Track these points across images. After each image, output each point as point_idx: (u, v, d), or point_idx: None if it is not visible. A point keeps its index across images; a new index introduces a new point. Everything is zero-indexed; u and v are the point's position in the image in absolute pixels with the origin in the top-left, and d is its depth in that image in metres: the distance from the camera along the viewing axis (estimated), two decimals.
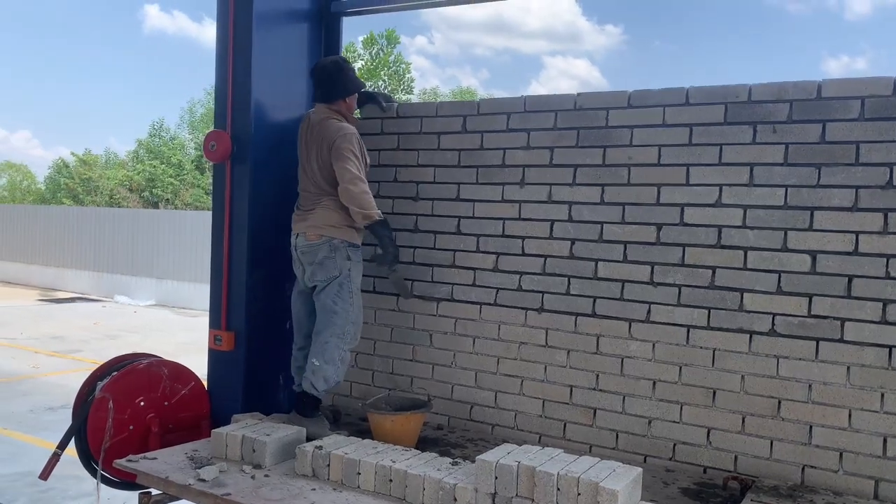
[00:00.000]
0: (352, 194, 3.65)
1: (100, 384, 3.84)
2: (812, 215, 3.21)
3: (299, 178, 3.94)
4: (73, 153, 39.30)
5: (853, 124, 3.15)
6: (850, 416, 3.14)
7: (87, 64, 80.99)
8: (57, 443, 3.77)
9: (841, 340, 3.16)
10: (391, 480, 3.02)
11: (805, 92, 3.25)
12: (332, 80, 3.89)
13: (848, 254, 3.15)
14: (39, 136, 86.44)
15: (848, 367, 3.15)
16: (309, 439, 3.50)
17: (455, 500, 2.86)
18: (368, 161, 3.88)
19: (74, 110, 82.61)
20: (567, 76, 74.14)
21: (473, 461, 2.94)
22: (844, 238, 3.16)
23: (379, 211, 3.72)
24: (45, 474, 3.72)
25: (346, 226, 3.76)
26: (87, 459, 3.83)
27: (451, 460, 3.15)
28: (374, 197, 4.19)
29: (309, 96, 4.49)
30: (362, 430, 3.79)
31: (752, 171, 3.34)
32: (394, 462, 3.07)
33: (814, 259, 3.21)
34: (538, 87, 72.32)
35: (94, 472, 3.85)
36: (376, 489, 3.05)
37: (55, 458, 3.72)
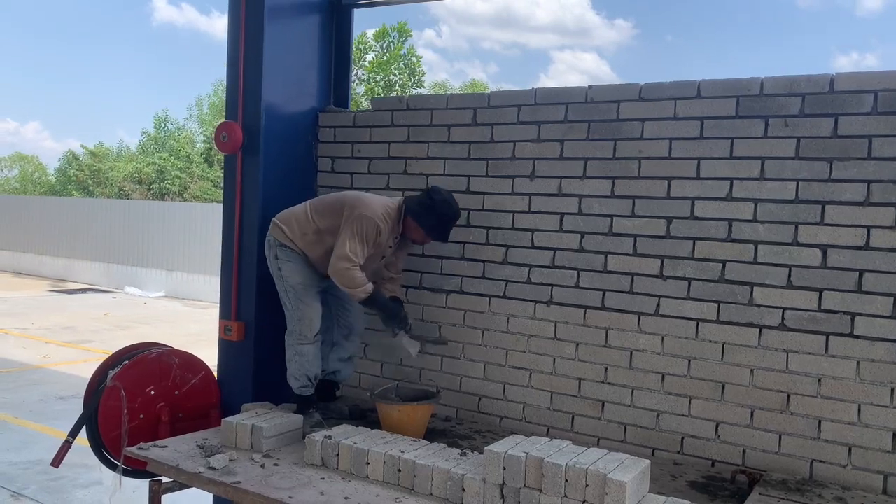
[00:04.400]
0: (335, 269, 3.64)
1: (111, 373, 3.87)
2: (823, 209, 3.20)
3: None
4: (82, 145, 39.49)
5: (866, 118, 3.13)
6: (859, 410, 3.13)
7: (97, 56, 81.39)
8: (68, 431, 3.80)
9: (851, 335, 3.15)
10: (399, 470, 3.04)
11: (817, 85, 3.23)
12: (420, 201, 3.75)
13: (859, 248, 3.14)
14: (50, 127, 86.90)
15: (858, 362, 3.14)
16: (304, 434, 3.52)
17: (463, 490, 2.87)
18: (383, 245, 3.78)
19: (84, 102, 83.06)
20: (576, 71, 73.99)
21: (482, 452, 2.95)
22: (856, 232, 3.14)
23: (365, 287, 3.66)
24: (56, 462, 3.75)
25: (283, 227, 3.80)
26: (98, 448, 3.86)
27: (459, 451, 3.16)
28: (384, 189, 4.22)
29: (319, 88, 4.52)
30: (371, 420, 3.80)
31: (763, 164, 3.32)
32: (402, 452, 3.08)
33: (824, 253, 3.20)
34: (547, 82, 72.06)
35: (104, 460, 3.89)
36: (385, 479, 3.07)
37: (67, 446, 3.75)
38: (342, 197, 3.85)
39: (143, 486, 3.57)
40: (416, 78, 36.74)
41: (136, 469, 3.69)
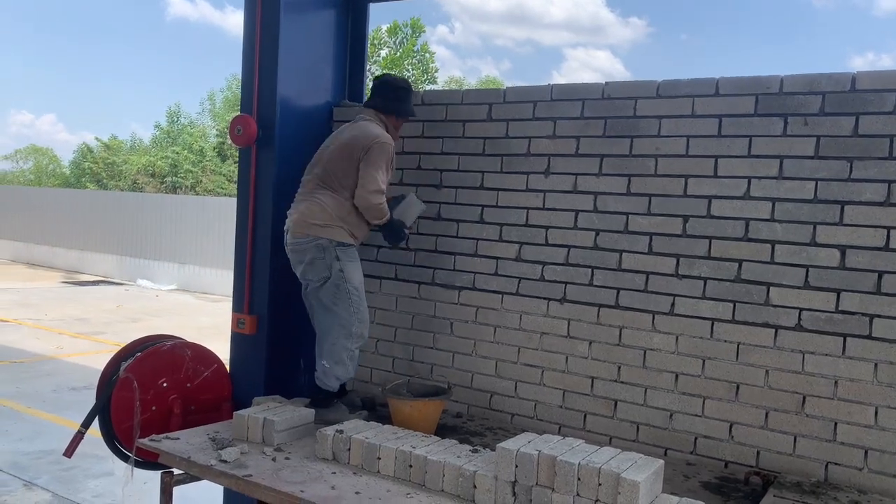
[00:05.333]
0: (368, 203, 3.68)
1: (124, 364, 3.87)
2: (842, 209, 3.16)
3: (306, 168, 3.90)
4: (97, 138, 39.73)
5: (888, 118, 3.09)
6: (876, 413, 3.10)
7: (111, 50, 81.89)
8: (80, 422, 3.82)
9: (869, 337, 3.11)
10: (411, 466, 3.03)
11: (838, 84, 3.19)
12: (398, 97, 3.90)
13: (878, 249, 3.10)
14: (64, 120, 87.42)
15: (875, 364, 3.10)
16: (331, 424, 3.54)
17: (475, 487, 2.86)
18: (392, 173, 3.93)
19: (98, 95, 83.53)
20: (589, 68, 73.83)
21: (493, 449, 2.94)
22: (875, 233, 3.10)
23: (387, 216, 3.80)
24: (69, 452, 3.77)
25: (335, 225, 3.72)
26: (111, 439, 3.87)
27: (470, 448, 3.15)
28: (398, 184, 4.22)
29: (334, 83, 4.51)
30: (382, 416, 3.80)
31: (781, 163, 3.29)
32: (414, 448, 3.07)
33: (843, 254, 3.16)
34: (559, 79, 71.88)
35: (116, 451, 3.90)
36: (396, 474, 3.06)
37: (79, 436, 3.77)
38: (342, 148, 3.76)
39: (154, 477, 3.58)
40: (430, 74, 36.71)
41: (147, 460, 3.70)
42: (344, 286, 3.70)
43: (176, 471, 3.35)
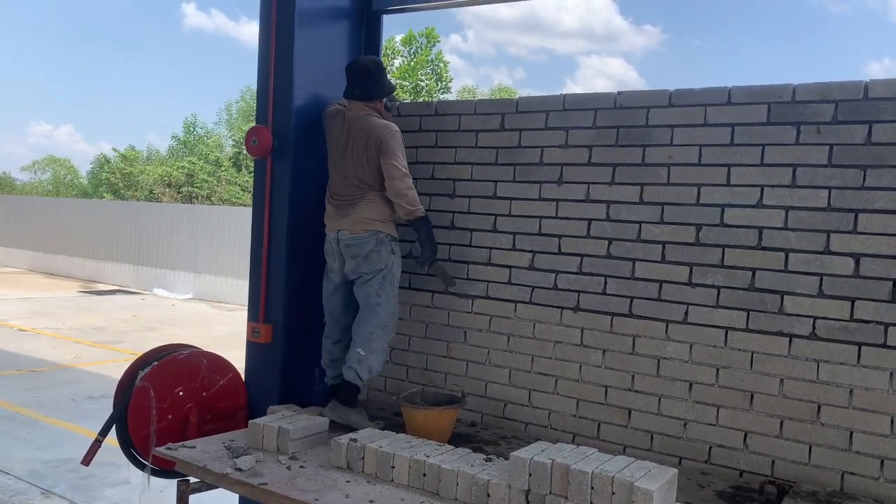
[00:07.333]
0: (400, 190, 3.77)
1: (141, 373, 3.91)
2: (856, 218, 3.15)
3: (333, 175, 4.00)
4: (114, 149, 40.15)
5: None
6: (892, 422, 3.08)
7: (128, 61, 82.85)
8: (98, 430, 3.85)
9: (884, 345, 3.10)
10: (425, 475, 3.04)
11: (851, 92, 3.19)
12: (373, 79, 3.98)
13: (893, 257, 3.08)
14: (82, 130, 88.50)
15: (891, 373, 3.08)
16: (349, 428, 3.56)
17: (488, 496, 2.87)
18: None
19: (116, 106, 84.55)
20: (603, 76, 73.88)
21: (507, 458, 2.94)
22: (890, 241, 3.09)
23: (423, 207, 3.84)
24: (86, 460, 3.81)
25: (389, 220, 3.89)
26: (127, 447, 3.90)
27: (484, 456, 3.15)
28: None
29: None
30: (396, 424, 3.81)
31: (794, 172, 3.29)
32: (428, 457, 3.09)
33: (857, 262, 3.15)
34: (573, 87, 72.26)
35: (133, 460, 3.94)
36: (410, 483, 3.07)
37: (97, 445, 3.80)
38: (360, 153, 3.84)
39: (170, 485, 3.61)
40: (444, 83, 36.83)
41: (164, 469, 3.72)
42: (390, 278, 3.86)
43: (192, 479, 3.38)
